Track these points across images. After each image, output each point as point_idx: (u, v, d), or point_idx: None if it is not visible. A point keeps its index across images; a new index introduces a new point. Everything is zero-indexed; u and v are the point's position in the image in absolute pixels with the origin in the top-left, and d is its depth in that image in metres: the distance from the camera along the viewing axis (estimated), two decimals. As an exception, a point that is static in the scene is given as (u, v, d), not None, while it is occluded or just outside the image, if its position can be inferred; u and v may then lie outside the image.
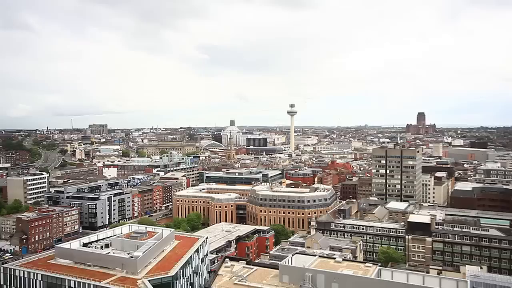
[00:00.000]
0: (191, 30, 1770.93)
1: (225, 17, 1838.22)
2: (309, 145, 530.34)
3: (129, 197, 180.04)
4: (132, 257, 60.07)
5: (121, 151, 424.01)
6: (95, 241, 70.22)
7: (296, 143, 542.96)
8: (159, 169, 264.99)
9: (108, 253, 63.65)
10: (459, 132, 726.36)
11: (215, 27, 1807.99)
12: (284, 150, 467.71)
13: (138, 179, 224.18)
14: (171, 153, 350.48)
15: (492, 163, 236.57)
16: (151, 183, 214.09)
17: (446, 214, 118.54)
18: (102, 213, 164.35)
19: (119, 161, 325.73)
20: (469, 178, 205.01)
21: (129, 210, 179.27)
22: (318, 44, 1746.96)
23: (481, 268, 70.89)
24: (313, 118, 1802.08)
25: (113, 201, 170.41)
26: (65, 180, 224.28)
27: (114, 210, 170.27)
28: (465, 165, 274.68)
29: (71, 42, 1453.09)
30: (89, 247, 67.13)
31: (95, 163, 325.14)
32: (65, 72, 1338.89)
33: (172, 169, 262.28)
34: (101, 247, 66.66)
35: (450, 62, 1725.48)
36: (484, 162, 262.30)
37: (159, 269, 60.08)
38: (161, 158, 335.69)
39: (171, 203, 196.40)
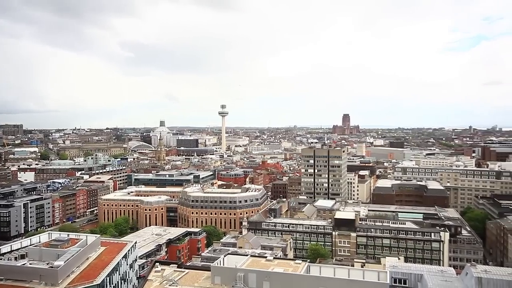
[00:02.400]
0: (115, 27, 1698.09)
1: (150, 15, 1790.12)
2: (240, 146, 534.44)
3: (48, 203, 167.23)
4: (52, 267, 55.63)
5: (39, 154, 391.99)
6: (8, 252, 63.88)
7: (228, 144, 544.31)
8: (83, 172, 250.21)
9: (23, 264, 58.23)
10: (379, 132, 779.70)
11: (140, 25, 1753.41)
12: (216, 151, 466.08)
13: (59, 183, 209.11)
14: (96, 155, 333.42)
15: (408, 161, 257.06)
16: (74, 187, 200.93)
17: (368, 210, 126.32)
18: (16, 221, 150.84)
19: (37, 164, 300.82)
20: (388, 176, 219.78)
21: (48, 216, 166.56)
22: (246, 45, 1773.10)
23: (399, 258, 76.55)
24: (244, 119, 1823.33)
25: (30, 207, 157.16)
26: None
27: (31, 217, 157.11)
28: (385, 164, 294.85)
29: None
30: (1, 259, 60.97)
31: (8, 167, 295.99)
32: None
33: (97, 171, 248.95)
34: (15, 258, 60.87)
35: (370, 66, 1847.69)
36: (402, 160, 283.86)
37: (83, 278, 56.40)
38: (85, 160, 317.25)
39: (96, 208, 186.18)
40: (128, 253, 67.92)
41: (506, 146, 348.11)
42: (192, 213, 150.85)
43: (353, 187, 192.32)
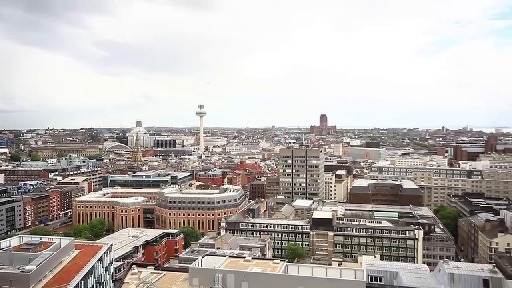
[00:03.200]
0: (89, 25, 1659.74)
1: (126, 15, 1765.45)
2: (218, 146, 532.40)
3: (19, 205, 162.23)
4: (23, 271, 53.84)
5: (9, 155, 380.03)
6: (-24, 257, 61.50)
7: (206, 144, 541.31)
8: (56, 173, 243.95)
9: (-7, 269, 56.20)
10: (356, 133, 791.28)
11: (115, 24, 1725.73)
12: (194, 151, 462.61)
13: (31, 185, 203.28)
14: (70, 156, 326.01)
15: (383, 161, 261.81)
16: (46, 189, 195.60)
17: (345, 209, 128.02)
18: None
19: (7, 165, 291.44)
20: (365, 175, 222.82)
21: (19, 219, 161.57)
22: (224, 45, 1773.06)
23: (375, 256, 77.92)
24: (222, 119, 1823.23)
25: (0, 210, 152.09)
26: None
27: (0, 220, 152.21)
28: (362, 163, 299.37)
29: None
30: (-31, 264, 58.58)
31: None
32: None
33: (71, 173, 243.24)
34: (-16, 263, 58.65)
35: (346, 67, 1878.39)
36: (377, 160, 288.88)
37: (56, 282, 54.80)
38: (58, 161, 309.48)
39: (71, 210, 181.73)
40: (104, 255, 66.54)
41: (476, 146, 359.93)
42: (170, 214, 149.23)
43: (331, 186, 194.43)
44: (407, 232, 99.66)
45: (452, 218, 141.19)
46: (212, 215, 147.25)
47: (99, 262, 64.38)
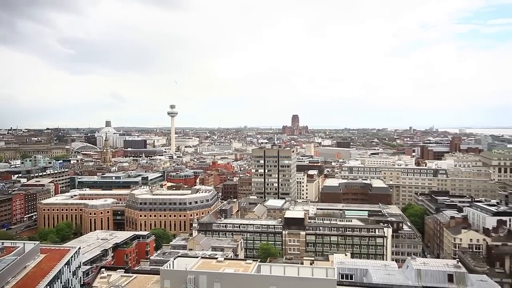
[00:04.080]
0: (53, 22, 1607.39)
1: (92, 12, 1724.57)
2: (190, 146, 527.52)
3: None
4: (-16, 278, 51.49)
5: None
6: None
7: (177, 145, 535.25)
8: (20, 175, 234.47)
9: (-49, 276, 53.35)
10: (327, 133, 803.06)
11: (81, 21, 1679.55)
12: (165, 151, 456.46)
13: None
14: (35, 157, 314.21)
15: (354, 161, 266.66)
16: (9, 192, 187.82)
17: (317, 209, 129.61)
18: None
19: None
20: (336, 175, 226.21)
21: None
22: (195, 45, 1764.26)
23: (345, 255, 79.42)
24: (194, 119, 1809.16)
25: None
26: None
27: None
28: (333, 163, 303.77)
29: None
30: None
31: None
32: None
33: (36, 174, 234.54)
34: None
35: (317, 68, 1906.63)
36: (348, 160, 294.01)
37: (19, 288, 52.74)
38: (22, 162, 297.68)
39: (36, 213, 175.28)
40: (71, 259, 64.50)
41: (442, 145, 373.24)
42: (140, 216, 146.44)
43: (302, 186, 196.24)
44: (377, 230, 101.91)
45: (419, 216, 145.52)
46: (184, 216, 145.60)
47: (66, 266, 62.43)
